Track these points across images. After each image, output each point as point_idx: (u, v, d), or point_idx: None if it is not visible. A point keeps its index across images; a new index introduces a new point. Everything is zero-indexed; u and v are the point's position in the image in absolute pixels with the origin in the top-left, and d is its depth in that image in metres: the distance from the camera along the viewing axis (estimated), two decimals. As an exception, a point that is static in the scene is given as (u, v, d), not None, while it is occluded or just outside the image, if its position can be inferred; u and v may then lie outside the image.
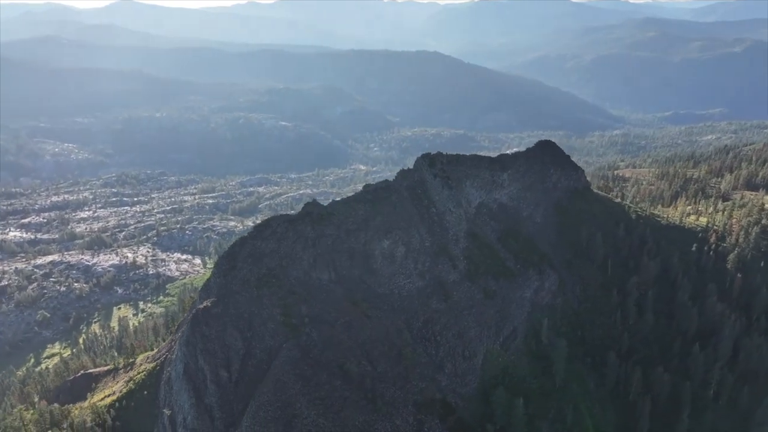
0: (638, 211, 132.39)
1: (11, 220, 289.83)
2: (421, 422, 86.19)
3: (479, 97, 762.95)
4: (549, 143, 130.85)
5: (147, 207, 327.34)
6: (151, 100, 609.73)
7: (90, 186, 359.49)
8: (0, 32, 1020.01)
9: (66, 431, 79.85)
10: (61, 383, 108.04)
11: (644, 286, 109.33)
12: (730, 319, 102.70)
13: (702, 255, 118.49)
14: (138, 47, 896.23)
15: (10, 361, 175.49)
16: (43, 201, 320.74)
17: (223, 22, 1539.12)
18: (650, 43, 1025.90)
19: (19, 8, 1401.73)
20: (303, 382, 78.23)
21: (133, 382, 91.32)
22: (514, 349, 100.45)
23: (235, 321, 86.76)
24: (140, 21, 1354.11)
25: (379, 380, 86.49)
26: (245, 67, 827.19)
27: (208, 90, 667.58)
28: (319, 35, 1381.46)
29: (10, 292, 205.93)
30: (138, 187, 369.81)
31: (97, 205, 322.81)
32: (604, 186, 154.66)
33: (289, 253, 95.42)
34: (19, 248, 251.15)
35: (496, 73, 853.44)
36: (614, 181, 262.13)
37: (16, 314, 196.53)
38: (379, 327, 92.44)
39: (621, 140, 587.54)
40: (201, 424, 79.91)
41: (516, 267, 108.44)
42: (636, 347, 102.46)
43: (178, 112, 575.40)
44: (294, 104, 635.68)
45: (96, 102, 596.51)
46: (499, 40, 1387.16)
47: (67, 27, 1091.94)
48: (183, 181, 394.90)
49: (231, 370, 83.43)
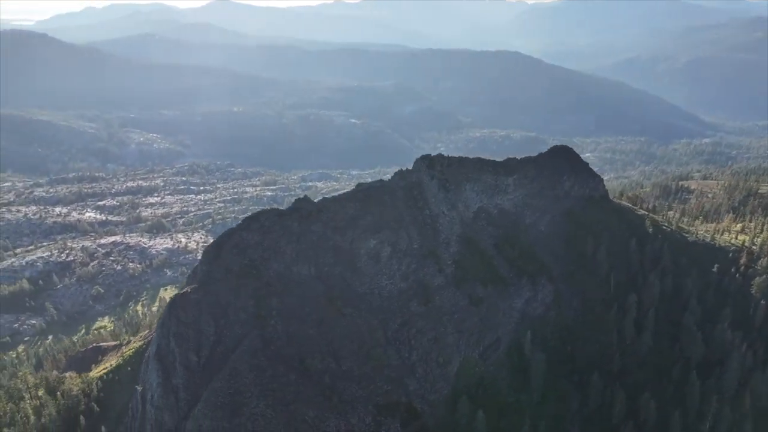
0: (663, 225, 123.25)
1: (89, 201, 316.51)
2: (380, 424, 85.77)
3: (557, 99, 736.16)
4: (564, 148, 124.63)
5: (210, 196, 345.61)
6: (232, 95, 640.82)
7: (163, 174, 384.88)
8: (108, 30, 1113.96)
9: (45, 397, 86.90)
10: (75, 354, 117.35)
11: (648, 305, 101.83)
12: (741, 349, 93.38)
13: (725, 277, 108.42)
14: (227, 45, 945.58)
15: (64, 330, 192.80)
16: (120, 186, 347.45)
17: (308, 20, 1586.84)
18: (756, 44, 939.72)
19: (129, 8, 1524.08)
20: (257, 373, 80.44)
21: (122, 357, 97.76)
22: (494, 360, 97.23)
23: (211, 308, 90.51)
24: (233, 19, 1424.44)
25: (342, 378, 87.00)
26: (324, 64, 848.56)
27: (285, 87, 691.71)
28: (402, 34, 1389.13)
29: (74, 267, 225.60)
30: (206, 177, 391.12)
31: (165, 192, 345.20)
32: (634, 197, 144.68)
33: (273, 247, 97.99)
34: (90, 228, 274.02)
35: (577, 74, 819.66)
36: (676, 192, 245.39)
37: (76, 288, 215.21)
38: (352, 325, 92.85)
39: (709, 149, 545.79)
40: (165, 402, 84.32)
41: (509, 275, 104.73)
42: (630, 369, 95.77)
43: (254, 108, 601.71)
44: (365, 102, 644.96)
45: (181, 96, 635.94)
46: (586, 40, 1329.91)
47: (168, 25, 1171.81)
48: (248, 173, 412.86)
49: (200, 354, 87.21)
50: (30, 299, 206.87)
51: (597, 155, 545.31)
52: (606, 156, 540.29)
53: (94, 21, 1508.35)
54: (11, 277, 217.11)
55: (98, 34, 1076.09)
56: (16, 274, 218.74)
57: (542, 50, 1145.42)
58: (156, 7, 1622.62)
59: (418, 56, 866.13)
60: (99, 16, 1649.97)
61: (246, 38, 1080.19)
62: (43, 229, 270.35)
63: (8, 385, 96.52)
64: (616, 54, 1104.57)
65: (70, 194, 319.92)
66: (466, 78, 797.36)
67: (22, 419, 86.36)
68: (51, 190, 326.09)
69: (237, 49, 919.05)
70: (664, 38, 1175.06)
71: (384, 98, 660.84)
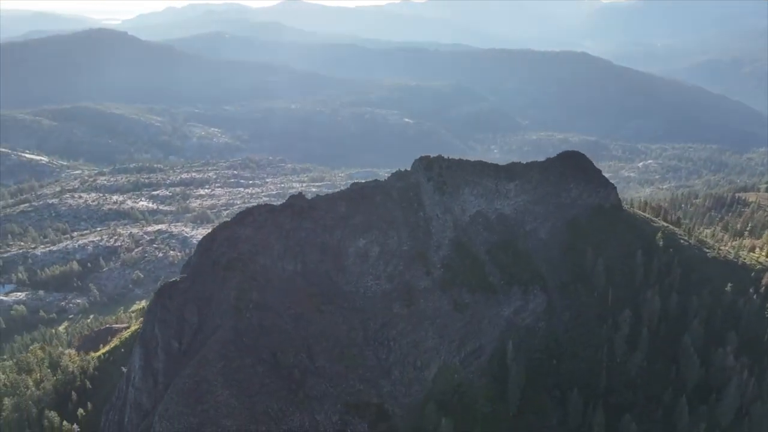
0: (681, 239, 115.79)
1: (145, 191, 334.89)
2: (347, 423, 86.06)
3: (624, 103, 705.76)
4: (575, 154, 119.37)
5: (258, 190, 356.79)
6: (291, 92, 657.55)
7: (216, 167, 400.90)
8: (184, 28, 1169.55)
9: (45, 371, 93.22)
10: (89, 333, 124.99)
11: (647, 322, 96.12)
12: (742, 375, 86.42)
13: (741, 297, 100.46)
14: (293, 43, 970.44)
15: (103, 310, 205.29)
16: (175, 177, 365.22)
17: (375, 20, 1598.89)
18: None
19: (204, 7, 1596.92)
20: (225, 363, 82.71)
21: (119, 339, 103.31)
22: (475, 368, 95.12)
23: (196, 298, 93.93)
24: (303, 19, 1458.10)
25: (314, 374, 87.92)
26: (385, 63, 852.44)
27: (343, 85, 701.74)
28: (470, 35, 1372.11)
29: (120, 252, 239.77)
30: (256, 171, 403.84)
31: (216, 185, 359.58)
32: (657, 207, 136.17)
33: (262, 242, 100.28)
34: (141, 216, 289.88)
35: (649, 77, 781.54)
36: (731, 204, 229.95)
37: (119, 271, 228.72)
38: (330, 323, 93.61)
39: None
40: (145, 385, 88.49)
41: (499, 282, 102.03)
42: (617, 388, 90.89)
43: (311, 105, 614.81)
44: (421, 101, 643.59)
45: (244, 92, 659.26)
46: (663, 41, 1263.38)
47: (239, 24, 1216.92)
48: (297, 169, 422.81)
49: (182, 341, 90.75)
50: (78, 280, 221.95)
51: (660, 162, 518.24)
52: (671, 163, 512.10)
53: (172, 20, 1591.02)
54: (64, 258, 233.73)
55: (175, 32, 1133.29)
56: (68, 256, 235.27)
57: (613, 51, 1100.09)
58: (230, 6, 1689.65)
59: (482, 56, 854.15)
60: (177, 15, 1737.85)
61: (313, 37, 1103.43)
62: (100, 215, 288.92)
63: (19, 357, 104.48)
64: (694, 56, 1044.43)
65: (128, 183, 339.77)
66: (529, 79, 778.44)
67: (23, 390, 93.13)
68: (112, 179, 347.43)
69: (302, 47, 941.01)
70: (751, 40, 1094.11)
71: (441, 98, 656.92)
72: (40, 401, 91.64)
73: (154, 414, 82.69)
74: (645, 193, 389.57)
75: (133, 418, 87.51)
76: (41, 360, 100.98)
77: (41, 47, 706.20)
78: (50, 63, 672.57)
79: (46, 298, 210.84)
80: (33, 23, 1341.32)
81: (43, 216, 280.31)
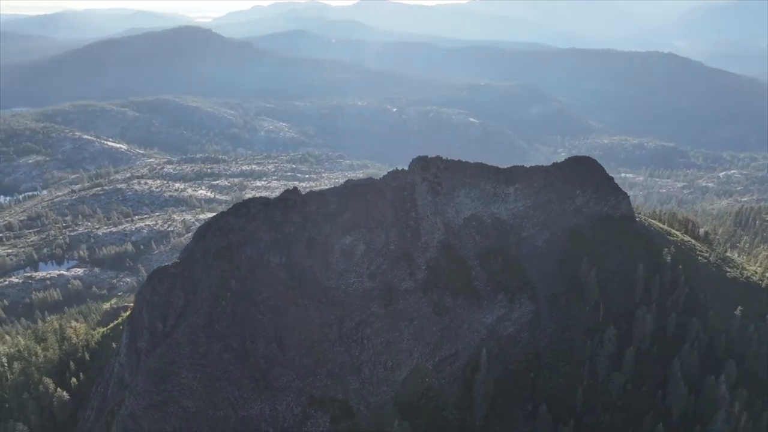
0: (700, 256, 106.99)
1: (206, 180, 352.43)
2: (308, 416, 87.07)
3: (713, 107, 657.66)
4: (586, 160, 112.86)
5: (312, 184, 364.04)
6: (360, 89, 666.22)
7: (277, 160, 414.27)
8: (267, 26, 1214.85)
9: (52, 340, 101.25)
10: (108, 310, 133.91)
11: (637, 342, 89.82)
12: (731, 408, 78.77)
13: (753, 323, 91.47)
14: (367, 41, 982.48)
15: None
16: (235, 168, 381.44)
17: (451, 18, 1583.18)
18: None
19: (287, 6, 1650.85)
20: (192, 347, 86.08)
21: (122, 317, 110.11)
22: (448, 374, 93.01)
23: (184, 283, 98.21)
24: (381, 17, 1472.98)
25: (281, 366, 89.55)
26: (458, 62, 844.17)
27: (411, 83, 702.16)
28: (550, 33, 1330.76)
29: (171, 236, 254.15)
30: (314, 166, 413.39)
31: (273, 178, 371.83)
32: (684, 220, 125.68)
33: (252, 233, 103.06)
34: (198, 204, 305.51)
35: (743, 80, 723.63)
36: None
37: (167, 255, 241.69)
38: (304, 317, 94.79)
39: None
40: (128, 362, 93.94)
41: (485, 288, 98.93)
42: (594, 409, 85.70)
43: (378, 102, 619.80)
44: (489, 101, 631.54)
45: (315, 88, 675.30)
46: (766, 42, 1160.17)
47: (318, 22, 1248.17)
48: (355, 165, 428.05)
49: (166, 323, 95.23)
50: (130, 260, 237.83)
51: (746, 173, 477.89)
52: (757, 174, 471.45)
53: (258, 17, 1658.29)
54: (121, 239, 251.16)
55: (258, 29, 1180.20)
56: (125, 238, 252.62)
57: (707, 52, 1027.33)
58: (311, 4, 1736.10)
59: (558, 55, 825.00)
60: (263, 12, 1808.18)
61: (389, 35, 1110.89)
62: (161, 201, 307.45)
63: (36, 327, 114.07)
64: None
65: (191, 172, 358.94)
66: (607, 80, 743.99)
67: (31, 357, 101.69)
68: (178, 168, 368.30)
69: (376, 45, 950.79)
70: None
71: (509, 98, 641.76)
72: (44, 368, 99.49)
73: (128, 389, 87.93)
74: (721, 204, 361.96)
75: (115, 391, 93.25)
76: (54, 331, 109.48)
77: (134, 44, 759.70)
78: (141, 58, 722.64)
79: (101, 276, 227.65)
80: (133, 21, 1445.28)
81: (111, 199, 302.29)
